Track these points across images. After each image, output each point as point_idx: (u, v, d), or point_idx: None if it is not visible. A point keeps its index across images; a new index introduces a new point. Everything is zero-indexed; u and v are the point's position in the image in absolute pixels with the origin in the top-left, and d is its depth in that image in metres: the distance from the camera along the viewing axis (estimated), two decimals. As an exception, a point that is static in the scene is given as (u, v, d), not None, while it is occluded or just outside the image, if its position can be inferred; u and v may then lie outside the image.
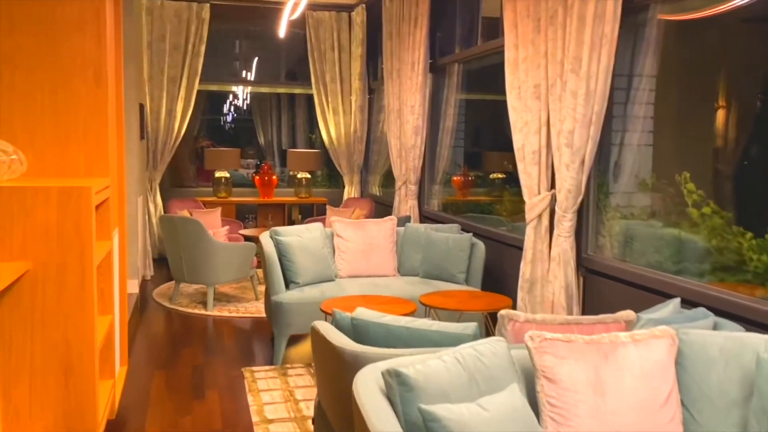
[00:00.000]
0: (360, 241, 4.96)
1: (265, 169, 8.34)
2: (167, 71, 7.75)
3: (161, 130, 7.80)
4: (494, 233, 5.03)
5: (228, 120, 15.81)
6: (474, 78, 6.53)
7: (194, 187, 9.30)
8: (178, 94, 7.83)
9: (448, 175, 6.60)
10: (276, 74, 8.82)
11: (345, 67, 8.38)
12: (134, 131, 5.76)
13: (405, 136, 6.42)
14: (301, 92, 9.48)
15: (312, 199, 8.40)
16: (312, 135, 9.64)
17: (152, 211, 7.81)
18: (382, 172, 8.58)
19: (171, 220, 5.67)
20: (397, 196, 6.73)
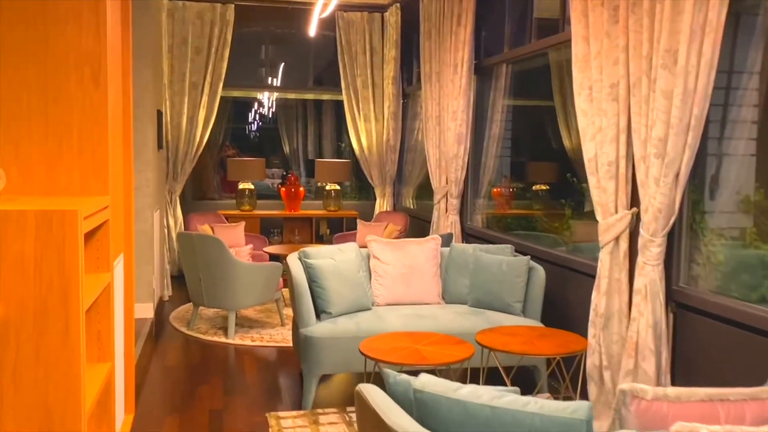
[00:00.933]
0: (400, 264, 4.37)
1: (292, 180, 7.81)
2: (189, 76, 7.28)
3: (182, 138, 7.32)
4: (553, 256, 4.40)
5: (253, 129, 15.40)
6: (512, 82, 5.93)
7: (217, 199, 8.81)
8: (200, 100, 7.35)
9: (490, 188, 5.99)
10: (303, 79, 8.31)
11: (377, 71, 7.83)
12: (150, 140, 5.26)
13: (446, 145, 5.83)
14: (330, 98, 8.95)
15: (341, 213, 7.85)
16: (341, 144, 9.09)
17: (172, 225, 7.32)
18: (416, 183, 7.99)
19: (189, 238, 5.14)
20: (436, 210, 6.14)
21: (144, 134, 5.13)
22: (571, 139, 6.50)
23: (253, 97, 11.84)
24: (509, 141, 6.11)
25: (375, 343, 3.24)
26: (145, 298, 5.21)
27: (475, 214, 5.90)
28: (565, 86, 6.17)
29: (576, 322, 3.92)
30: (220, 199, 8.81)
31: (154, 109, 5.57)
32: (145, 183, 5.15)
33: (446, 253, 4.58)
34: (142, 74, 5.09)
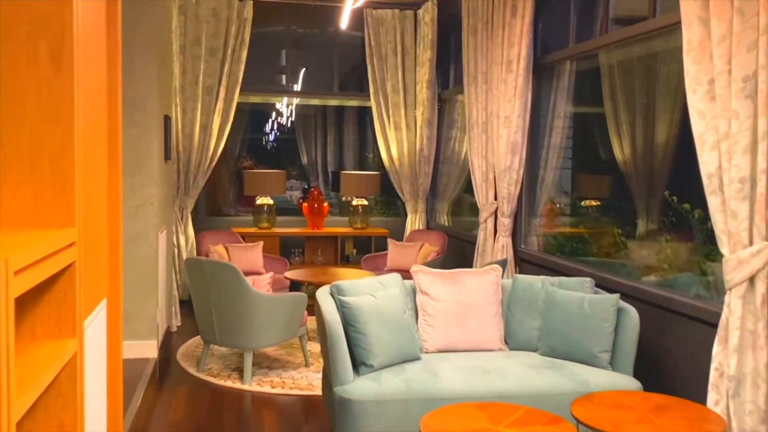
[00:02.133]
0: (454, 301, 3.57)
1: (315, 195, 7.04)
2: (202, 80, 6.56)
3: (194, 148, 6.59)
4: (643, 292, 3.57)
5: (270, 139, 14.72)
6: (577, 83, 5.12)
7: (233, 215, 8.07)
8: (214, 106, 6.62)
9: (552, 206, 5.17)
10: (328, 83, 7.57)
11: (409, 75, 7.06)
12: (156, 150, 4.52)
13: (496, 155, 5.03)
14: (356, 104, 8.20)
15: (369, 231, 7.06)
16: (369, 155, 8.33)
17: (182, 244, 6.58)
18: (451, 198, 7.20)
19: (199, 265, 4.37)
20: (482, 231, 5.33)
21: (148, 143, 4.40)
22: (622, 150, 5.69)
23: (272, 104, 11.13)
24: (569, 151, 5.30)
25: (439, 422, 2.43)
26: (148, 335, 4.46)
27: (529, 235, 5.08)
28: (616, 91, 5.38)
29: (682, 382, 3.09)
30: (236, 215, 8.08)
31: (161, 114, 4.84)
32: (149, 200, 4.41)
33: (507, 287, 3.77)
34: (146, 74, 4.37)
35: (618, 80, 5.33)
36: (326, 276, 5.53)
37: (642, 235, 5.01)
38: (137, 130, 4.35)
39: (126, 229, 4.38)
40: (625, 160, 5.78)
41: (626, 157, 5.75)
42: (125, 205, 4.36)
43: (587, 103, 5.77)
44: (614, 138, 5.34)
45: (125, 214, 4.38)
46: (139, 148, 4.36)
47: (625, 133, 5.62)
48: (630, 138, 5.68)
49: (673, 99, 5.33)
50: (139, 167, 4.37)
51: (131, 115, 4.34)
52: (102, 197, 2.27)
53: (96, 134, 2.18)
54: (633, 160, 5.69)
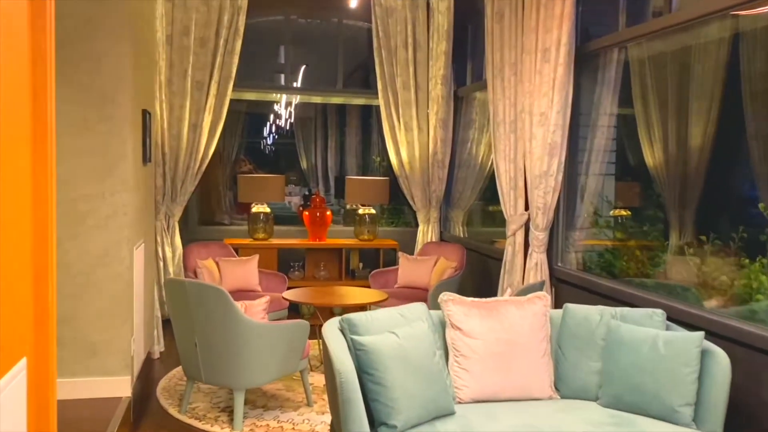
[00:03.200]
0: (493, 338, 2.87)
1: (317, 203, 6.34)
2: (192, 73, 5.87)
3: (183, 150, 5.89)
4: (727, 327, 2.87)
5: (267, 142, 14.05)
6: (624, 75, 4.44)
7: (228, 224, 7.38)
8: (205, 102, 5.93)
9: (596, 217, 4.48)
10: (331, 80, 6.88)
11: (421, 70, 6.38)
12: (131, 150, 3.82)
13: (528, 158, 4.35)
14: (362, 103, 7.50)
15: (378, 243, 6.36)
16: (377, 158, 7.63)
17: (168, 257, 5.87)
18: (467, 207, 6.51)
19: (180, 288, 3.66)
20: (509, 246, 4.64)
21: (121, 142, 3.71)
22: (653, 155, 5.02)
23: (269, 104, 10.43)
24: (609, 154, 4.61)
25: None
26: (119, 370, 3.75)
27: (567, 251, 4.39)
28: (647, 90, 4.71)
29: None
30: (230, 224, 7.39)
31: (138, 108, 4.14)
32: (121, 209, 3.71)
33: (555, 320, 3.07)
34: (118, 60, 3.68)
35: (651, 77, 4.68)
36: (331, 297, 4.83)
37: (691, 251, 4.35)
38: (107, 126, 3.66)
39: (93, 244, 3.68)
40: (657, 165, 5.11)
41: (657, 162, 5.08)
42: (91, 218, 3.67)
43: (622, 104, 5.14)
44: (644, 141, 4.69)
45: (92, 227, 3.68)
46: (109, 148, 3.67)
47: (656, 137, 4.95)
48: (661, 141, 5.02)
49: (709, 99, 4.68)
50: (109, 170, 3.68)
51: (100, 108, 3.65)
52: (17, 213, 1.57)
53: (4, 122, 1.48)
54: (666, 165, 5.03)
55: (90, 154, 3.62)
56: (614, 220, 5.49)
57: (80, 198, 3.64)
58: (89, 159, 3.63)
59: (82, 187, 3.64)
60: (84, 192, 3.65)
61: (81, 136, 3.61)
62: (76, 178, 3.61)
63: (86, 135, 3.62)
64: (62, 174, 3.30)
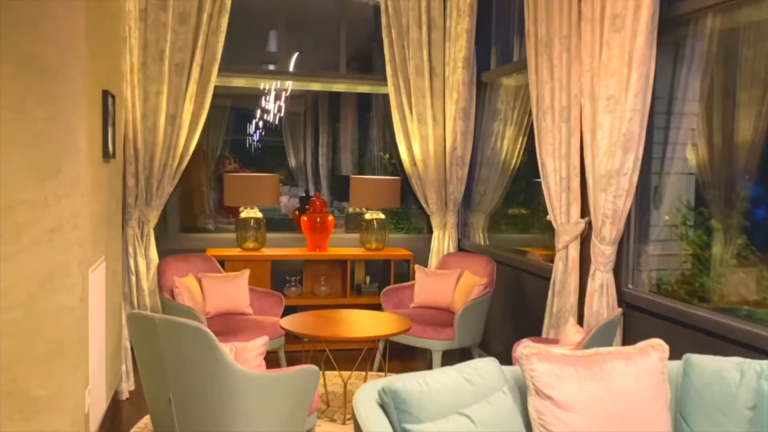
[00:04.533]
0: (598, 413, 1.99)
1: (317, 206, 5.44)
2: (170, 55, 4.95)
3: (159, 145, 4.97)
4: None
5: (254, 139, 13.23)
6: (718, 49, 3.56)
7: (212, 231, 6.46)
8: (186, 89, 5.02)
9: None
10: (332, 63, 5.97)
11: (437, 52, 5.50)
12: (82, 143, 2.89)
13: (590, 154, 3.48)
14: (367, 91, 6.58)
15: (388, 253, 5.46)
16: (386, 155, 6.72)
17: (142, 271, 4.94)
18: (488, 210, 5.64)
19: (148, 325, 2.74)
20: (560, 261, 3.78)
21: (68, 130, 2.78)
22: (697, 151, 4.19)
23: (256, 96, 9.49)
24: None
25: None
26: (68, 429, 2.82)
27: (639, 271, 3.51)
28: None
29: None
30: (216, 232, 6.46)
31: (97, 88, 3.21)
32: (70, 220, 2.79)
33: (672, 376, 2.20)
34: (64, 22, 2.75)
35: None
36: (340, 325, 3.94)
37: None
38: (50, 110, 2.73)
39: (32, 268, 2.75)
40: (700, 163, 4.27)
41: (701, 159, 4.24)
42: (29, 232, 2.74)
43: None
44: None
45: (30, 245, 2.75)
46: (53, 139, 2.75)
47: (701, 131, 4.10)
48: (707, 137, 4.19)
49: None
50: (53, 168, 2.76)
51: (40, 86, 2.72)
52: None
53: None
54: (708, 162, 4.21)
55: (26, 146, 2.70)
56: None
57: (13, 206, 2.71)
58: (25, 153, 2.70)
59: (14, 192, 2.71)
60: (18, 198, 2.72)
61: (14, 123, 2.68)
62: (7, 179, 2.69)
63: (21, 121, 2.70)
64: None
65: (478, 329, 4.60)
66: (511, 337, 4.68)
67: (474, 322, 4.54)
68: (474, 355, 4.81)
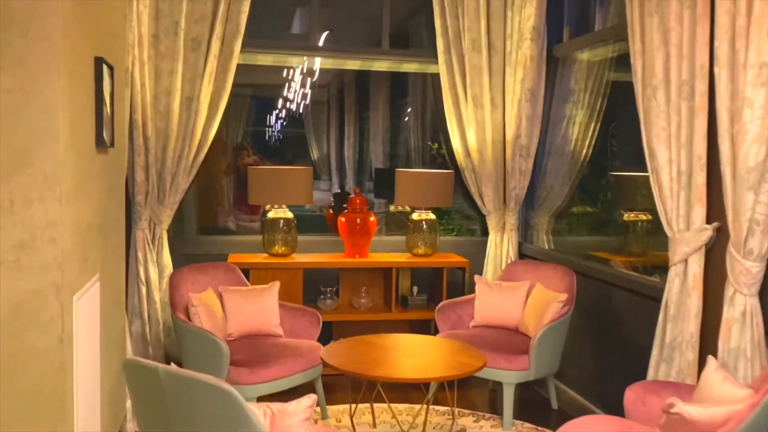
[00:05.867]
0: None
1: (357, 204, 4.64)
2: (186, 27, 4.20)
3: (173, 132, 4.24)
4: None
5: (275, 129, 12.62)
6: None
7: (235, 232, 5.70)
8: (204, 67, 4.26)
9: None
10: (372, 38, 5.16)
11: (496, 24, 4.66)
12: (63, 126, 2.12)
13: (728, 141, 2.65)
14: (414, 70, 5.75)
15: (440, 260, 4.64)
16: (434, 144, 5.89)
17: (153, 280, 4.22)
18: (553, 209, 4.82)
19: (150, 378, 1.98)
20: (676, 278, 2.95)
21: (41, 107, 2.02)
22: None
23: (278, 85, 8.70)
24: None
25: None
26: None
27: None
28: None
29: None
30: (238, 232, 5.70)
31: (86, 54, 2.45)
32: (46, 231, 2.03)
33: None
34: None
35: None
36: (396, 358, 3.14)
37: None
38: (14, 79, 1.97)
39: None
40: None
41: None
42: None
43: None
44: None
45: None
46: (17, 120, 1.99)
47: None
48: None
49: None
50: (20, 162, 2.00)
51: (2, 47, 1.96)
52: None
53: None
54: None
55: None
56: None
57: (-37, 212, 1.96)
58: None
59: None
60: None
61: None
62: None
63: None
64: None
65: (556, 356, 3.80)
66: (594, 367, 3.88)
67: (552, 348, 3.74)
68: (549, 386, 4.01)
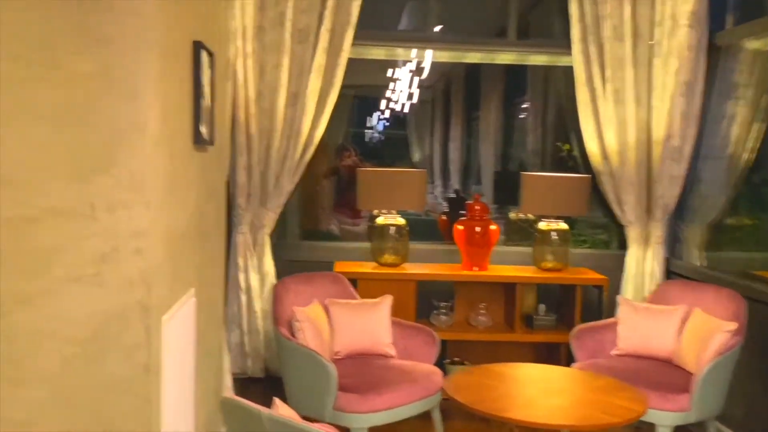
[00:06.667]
0: None
1: (477, 212, 4.14)
2: (293, 17, 3.88)
3: (277, 131, 3.93)
4: None
5: (376, 131, 12.40)
6: None
7: (339, 237, 5.35)
8: (311, 61, 3.92)
9: None
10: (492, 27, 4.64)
11: (643, 7, 4.02)
12: (153, 120, 1.78)
13: None
14: (544, 62, 5.16)
15: (573, 276, 4.05)
16: (566, 145, 5.29)
17: (255, 288, 3.93)
18: (708, 220, 4.11)
19: (255, 424, 1.59)
20: None
21: (128, 95, 1.68)
22: None
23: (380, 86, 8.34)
24: None
25: None
26: None
27: None
28: None
29: None
30: (343, 237, 5.35)
31: (184, 37, 2.12)
32: (130, 241, 1.68)
33: None
34: None
35: None
36: (533, 395, 2.62)
37: None
38: (98, 61, 1.64)
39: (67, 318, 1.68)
40: None
41: None
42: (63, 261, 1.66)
43: None
44: None
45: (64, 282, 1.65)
46: (100, 110, 1.66)
47: None
48: None
49: None
50: (102, 160, 1.67)
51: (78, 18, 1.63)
52: None
53: None
54: None
55: (56, 121, 1.63)
56: None
57: (36, 218, 1.65)
58: (54, 133, 1.63)
59: (38, 195, 1.65)
60: (44, 204, 1.65)
61: (36, 83, 1.62)
62: (26, 173, 1.63)
63: (48, 80, 1.62)
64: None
65: (721, 395, 3.16)
66: (766, 407, 3.20)
67: (718, 386, 3.11)
68: (710, 430, 3.33)
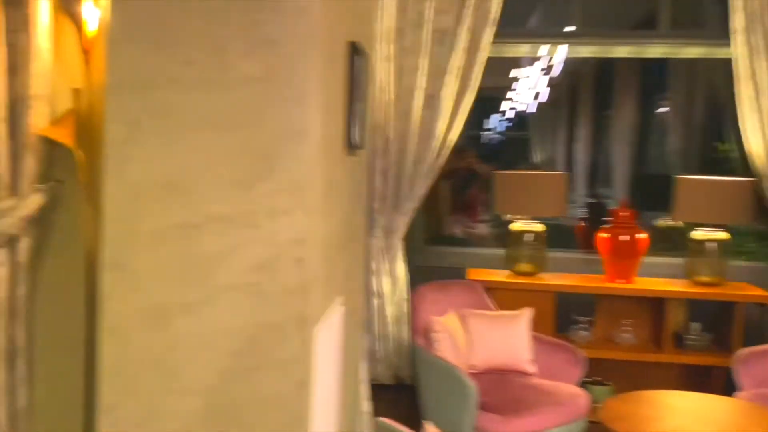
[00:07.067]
0: None
1: (622, 220, 3.85)
2: (433, 17, 3.79)
3: (412, 134, 3.86)
4: None
5: (494, 132, 12.14)
6: None
7: (467, 242, 5.20)
8: (448, 61, 3.81)
9: None
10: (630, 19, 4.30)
11: (820, -9, 3.57)
12: (315, 125, 1.72)
13: None
14: (697, 55, 4.74)
15: (732, 292, 3.67)
16: (723, 144, 4.85)
17: (386, 293, 3.88)
18: None
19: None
20: None
21: (291, 101, 1.64)
22: None
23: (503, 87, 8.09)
24: None
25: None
26: None
27: None
28: None
29: None
30: (471, 243, 5.20)
31: (341, 38, 2.06)
32: (293, 249, 1.64)
33: None
34: None
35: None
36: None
37: None
38: (264, 64, 1.61)
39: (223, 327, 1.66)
40: None
41: None
42: (225, 269, 1.64)
43: None
44: None
45: (221, 290, 1.65)
46: (262, 114, 1.62)
47: None
48: None
49: None
50: (263, 166, 1.63)
51: (247, 18, 1.60)
52: None
53: None
54: None
55: (218, 125, 1.61)
56: None
57: (200, 225, 1.63)
58: (217, 138, 1.61)
59: (202, 201, 1.63)
60: (208, 211, 1.64)
61: (202, 86, 1.60)
62: (190, 179, 1.62)
63: (214, 82, 1.61)
64: (152, 172, 1.35)
65: None
66: None
67: None
68: None
